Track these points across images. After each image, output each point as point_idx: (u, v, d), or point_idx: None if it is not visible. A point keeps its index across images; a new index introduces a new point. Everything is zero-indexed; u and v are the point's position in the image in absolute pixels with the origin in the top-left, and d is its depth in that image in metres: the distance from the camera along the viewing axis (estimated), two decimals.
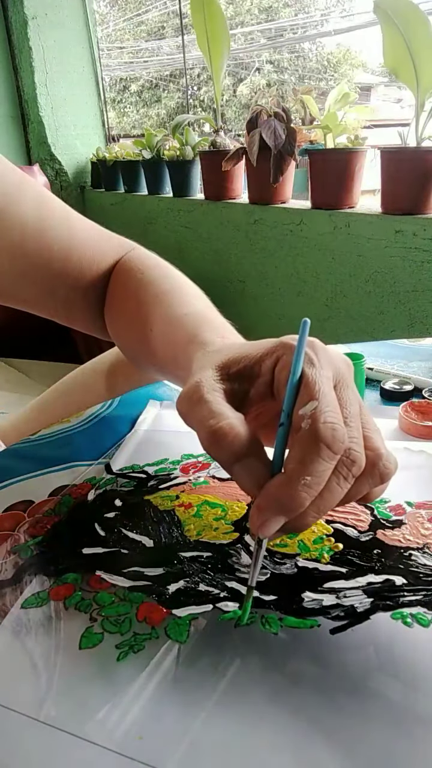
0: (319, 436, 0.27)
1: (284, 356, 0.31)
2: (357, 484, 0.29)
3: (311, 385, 0.29)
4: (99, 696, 0.29)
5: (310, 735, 0.26)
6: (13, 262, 0.52)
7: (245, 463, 0.29)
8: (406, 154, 1.31)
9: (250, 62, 13.14)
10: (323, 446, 0.27)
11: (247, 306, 1.82)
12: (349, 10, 12.91)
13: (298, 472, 0.27)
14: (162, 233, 2.09)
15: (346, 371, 0.31)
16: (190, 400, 0.30)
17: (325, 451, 0.27)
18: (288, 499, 0.27)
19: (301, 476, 0.27)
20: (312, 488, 0.27)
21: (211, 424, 0.29)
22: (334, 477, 0.28)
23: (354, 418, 0.29)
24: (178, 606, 0.33)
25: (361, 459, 0.28)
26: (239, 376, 0.32)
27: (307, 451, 0.27)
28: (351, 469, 0.28)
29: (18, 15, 2.24)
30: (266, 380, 0.32)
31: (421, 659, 0.30)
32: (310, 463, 0.27)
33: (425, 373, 0.64)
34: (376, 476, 0.30)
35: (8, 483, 0.47)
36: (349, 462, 0.28)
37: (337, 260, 1.51)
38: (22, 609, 0.34)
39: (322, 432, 0.27)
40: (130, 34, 13.80)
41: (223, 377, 0.32)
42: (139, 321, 0.49)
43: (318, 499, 0.28)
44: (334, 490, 0.28)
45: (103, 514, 0.42)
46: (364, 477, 0.29)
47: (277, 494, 0.27)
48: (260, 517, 0.28)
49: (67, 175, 2.45)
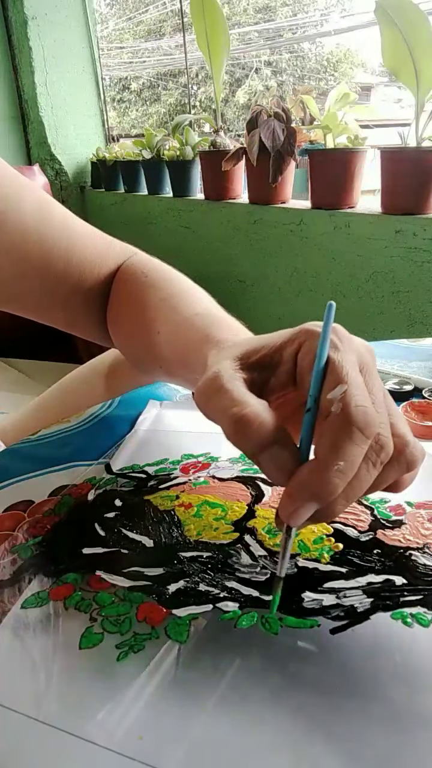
0: (352, 419, 0.26)
1: (307, 342, 0.30)
2: (384, 472, 0.28)
3: (339, 369, 0.28)
4: (99, 696, 0.29)
5: (310, 735, 0.26)
6: (13, 266, 0.52)
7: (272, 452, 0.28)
8: (406, 154, 1.31)
9: (248, 62, 13.15)
10: (356, 430, 0.26)
11: (247, 306, 1.82)
12: (349, 10, 12.90)
13: (330, 457, 0.26)
14: (162, 233, 2.09)
15: (370, 358, 0.31)
16: (208, 391, 0.29)
17: (357, 434, 0.26)
18: (321, 486, 0.26)
19: (333, 461, 0.26)
20: (345, 474, 0.26)
21: (235, 412, 0.28)
22: (363, 464, 0.27)
23: (380, 405, 0.29)
24: (178, 606, 0.33)
25: (389, 445, 0.28)
26: (259, 365, 0.31)
27: (339, 436, 0.26)
28: (380, 455, 0.27)
29: (18, 15, 2.24)
30: (288, 368, 0.31)
31: (421, 659, 0.30)
32: (342, 447, 0.26)
33: (425, 373, 0.64)
34: (403, 464, 0.29)
35: (8, 483, 0.47)
36: (378, 448, 0.27)
37: (337, 260, 1.51)
38: (22, 609, 0.34)
39: (354, 415, 0.26)
40: (130, 33, 13.80)
41: (243, 367, 0.31)
42: (145, 325, 0.48)
43: (347, 486, 0.27)
44: (363, 476, 0.27)
45: (103, 514, 0.42)
46: (391, 464, 0.29)
47: (309, 481, 0.26)
48: (292, 505, 0.27)
49: (67, 175, 2.45)
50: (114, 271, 0.56)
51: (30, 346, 1.81)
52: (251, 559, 0.37)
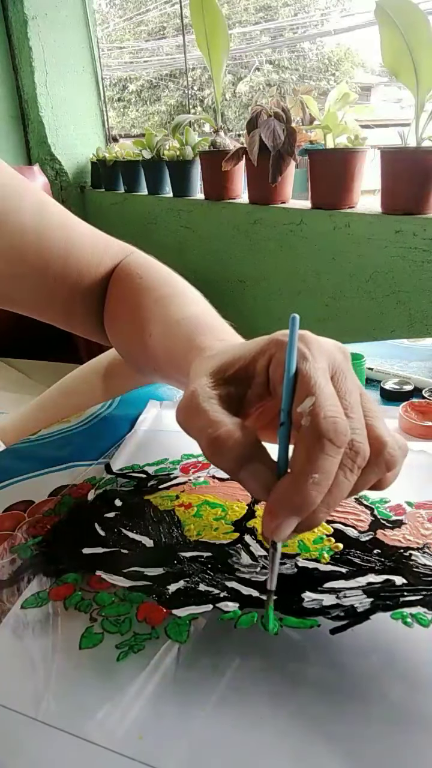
0: (321, 431, 0.27)
1: (277, 354, 0.31)
2: (364, 475, 0.29)
3: (307, 380, 0.28)
4: (99, 696, 0.29)
5: (310, 735, 0.26)
6: (12, 265, 0.52)
7: (250, 469, 0.28)
8: (406, 154, 1.31)
9: (249, 62, 13.14)
10: (327, 441, 0.26)
11: (247, 306, 1.82)
12: (349, 9, 12.90)
13: (305, 471, 0.27)
14: (162, 233, 2.09)
15: (342, 360, 0.31)
16: (187, 411, 0.30)
17: (329, 446, 0.26)
18: (299, 500, 0.27)
19: (308, 475, 0.26)
20: (321, 485, 0.27)
21: (210, 433, 0.28)
22: (340, 471, 0.27)
23: (355, 408, 0.29)
24: (178, 606, 0.33)
25: (364, 449, 0.28)
26: (234, 379, 0.32)
27: (311, 449, 0.27)
28: (356, 460, 0.28)
29: (18, 15, 2.24)
30: (262, 380, 0.31)
31: (421, 659, 0.30)
32: (315, 460, 0.26)
33: (425, 373, 0.64)
34: (382, 465, 0.29)
35: (8, 483, 0.47)
36: (353, 454, 0.28)
37: (337, 260, 1.51)
38: (22, 609, 0.34)
39: (323, 427, 0.27)
40: (131, 34, 13.79)
41: (218, 383, 0.31)
42: (139, 325, 0.49)
43: (327, 495, 0.27)
44: (342, 483, 0.28)
45: (103, 514, 0.42)
46: (370, 467, 0.29)
47: (287, 496, 0.27)
48: (273, 522, 0.27)
49: (67, 175, 2.45)
50: (111, 270, 0.56)
51: (30, 346, 1.81)
52: (251, 559, 0.37)
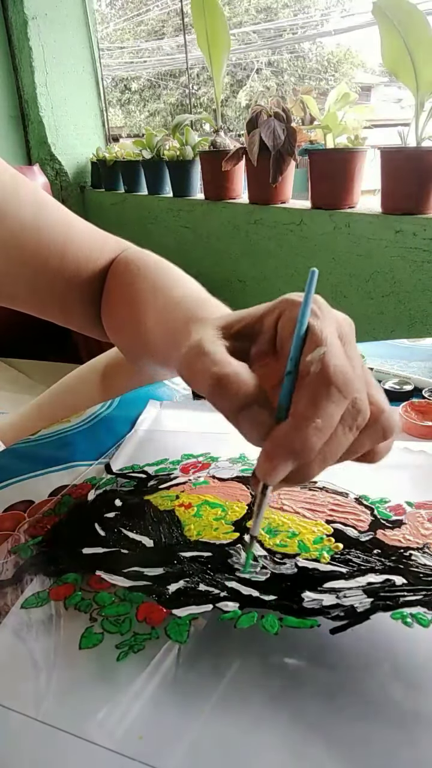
0: (330, 378, 0.27)
1: (287, 311, 0.31)
2: (361, 437, 0.29)
3: (318, 334, 0.29)
4: (99, 696, 0.29)
5: (310, 735, 0.26)
6: (10, 262, 0.52)
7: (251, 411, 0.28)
8: (406, 154, 1.31)
9: (249, 63, 13.14)
10: (334, 388, 0.27)
11: (246, 306, 1.81)
12: (349, 10, 12.89)
13: (308, 414, 0.26)
14: (162, 233, 2.09)
15: (349, 330, 0.31)
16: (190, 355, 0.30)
17: (335, 393, 0.27)
18: (299, 443, 0.26)
19: (311, 419, 0.26)
20: (322, 431, 0.26)
21: (215, 371, 0.28)
22: (340, 426, 0.27)
23: (359, 371, 0.29)
24: (178, 606, 0.33)
25: (366, 410, 0.28)
26: (241, 334, 0.32)
27: (317, 394, 0.27)
28: (356, 419, 0.28)
29: (18, 15, 2.24)
30: (269, 336, 0.31)
31: (421, 659, 0.30)
32: (320, 405, 0.26)
33: (425, 373, 0.64)
34: (379, 430, 0.29)
35: (8, 483, 0.47)
36: (354, 411, 0.28)
37: (337, 260, 1.51)
38: (22, 609, 0.34)
39: (333, 374, 0.27)
40: (131, 33, 13.79)
41: (225, 336, 0.31)
42: (136, 314, 0.49)
43: (324, 446, 0.27)
44: (340, 439, 0.28)
45: (103, 514, 0.42)
46: (367, 430, 0.29)
47: (286, 438, 0.27)
48: (269, 463, 0.27)
49: (67, 175, 2.45)
50: (108, 265, 0.56)
51: (30, 346, 1.81)
52: (251, 559, 0.37)
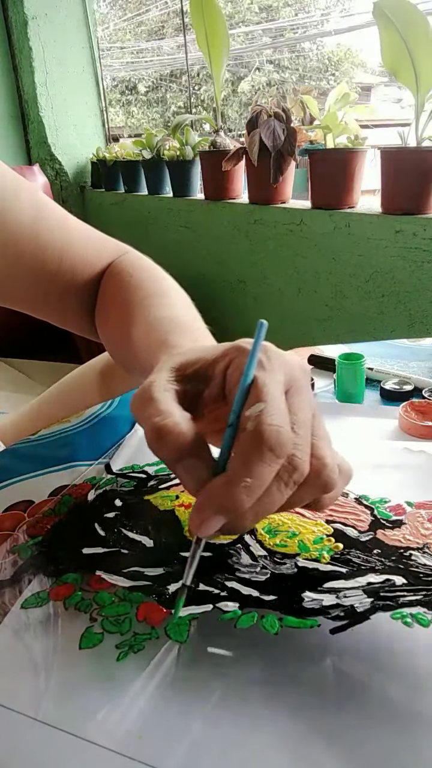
0: (263, 438, 0.27)
1: (236, 359, 0.31)
2: (299, 492, 0.29)
3: (260, 388, 0.29)
4: (99, 696, 0.29)
5: (310, 734, 0.26)
6: (8, 263, 0.53)
7: (187, 463, 0.29)
8: (406, 154, 1.31)
9: (250, 61, 13.14)
10: (266, 449, 0.27)
11: (247, 306, 1.81)
12: (349, 9, 12.89)
13: (239, 473, 0.27)
14: (162, 233, 2.09)
15: (301, 377, 0.31)
16: (140, 399, 0.30)
17: (268, 454, 0.27)
18: (228, 500, 0.27)
19: (242, 478, 0.27)
20: (253, 491, 0.27)
21: (156, 421, 0.29)
22: (275, 482, 0.27)
23: (303, 425, 0.29)
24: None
25: (303, 467, 0.28)
26: (194, 377, 0.32)
27: (249, 453, 0.27)
28: (292, 475, 0.28)
29: (18, 15, 2.24)
30: (219, 382, 0.32)
31: (421, 659, 0.30)
32: (252, 464, 0.27)
33: (425, 373, 0.64)
34: (319, 486, 0.29)
35: (8, 483, 0.47)
36: (291, 468, 0.28)
37: (337, 260, 1.51)
38: (22, 609, 0.34)
39: (266, 434, 0.27)
40: (131, 34, 13.80)
41: (179, 378, 0.32)
42: (124, 324, 0.49)
43: (257, 503, 0.27)
44: (274, 495, 0.28)
45: (103, 514, 0.42)
46: (306, 485, 0.29)
47: (217, 494, 0.27)
48: (199, 516, 0.27)
49: (67, 175, 2.45)
50: (105, 269, 0.56)
51: (30, 346, 1.81)
52: (251, 559, 0.37)
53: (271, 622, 0.32)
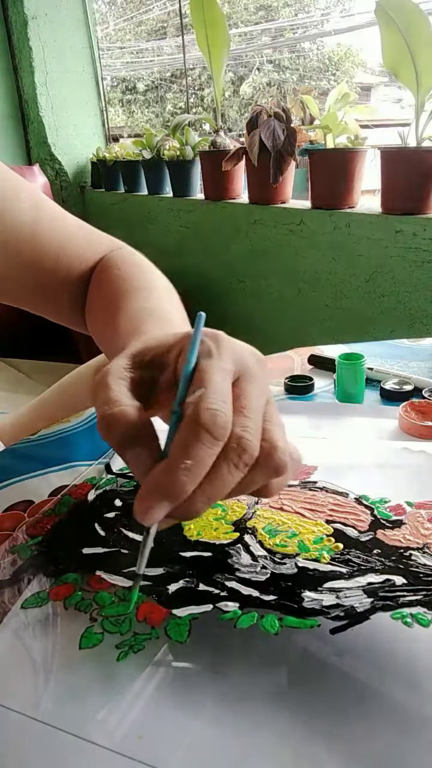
0: (199, 420, 0.27)
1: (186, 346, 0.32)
2: (251, 474, 0.29)
3: (202, 374, 0.29)
4: (99, 696, 0.29)
5: (309, 734, 0.26)
6: (7, 261, 0.54)
7: (135, 451, 0.29)
8: (406, 154, 1.31)
9: (250, 61, 13.14)
10: (203, 431, 0.27)
11: (247, 306, 1.81)
12: (350, 9, 12.89)
13: (178, 456, 0.27)
14: (162, 233, 2.09)
15: (254, 365, 0.32)
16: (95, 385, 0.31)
17: (205, 435, 0.27)
18: (169, 484, 0.27)
19: (181, 460, 0.27)
20: (192, 472, 0.27)
21: (105, 409, 0.29)
22: (224, 464, 0.28)
23: (253, 411, 0.29)
24: (178, 606, 0.33)
25: (252, 448, 0.29)
26: (151, 364, 0.33)
27: (187, 436, 0.27)
28: (242, 457, 0.28)
29: (18, 15, 2.24)
30: (173, 369, 0.32)
31: (421, 659, 0.30)
32: (190, 447, 0.27)
33: (425, 373, 0.64)
34: (270, 468, 0.30)
35: (8, 483, 0.47)
36: (240, 450, 0.28)
37: (337, 260, 1.51)
38: (22, 609, 0.34)
39: (202, 416, 0.27)
40: (131, 34, 13.79)
41: (136, 365, 0.32)
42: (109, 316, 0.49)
43: (207, 485, 0.28)
44: (225, 477, 0.28)
45: (103, 514, 0.42)
46: (257, 468, 0.29)
47: (158, 480, 0.27)
48: (143, 504, 0.28)
49: (67, 175, 2.45)
50: (96, 264, 0.57)
51: (30, 346, 1.81)
52: (251, 559, 0.37)
53: (271, 622, 0.32)
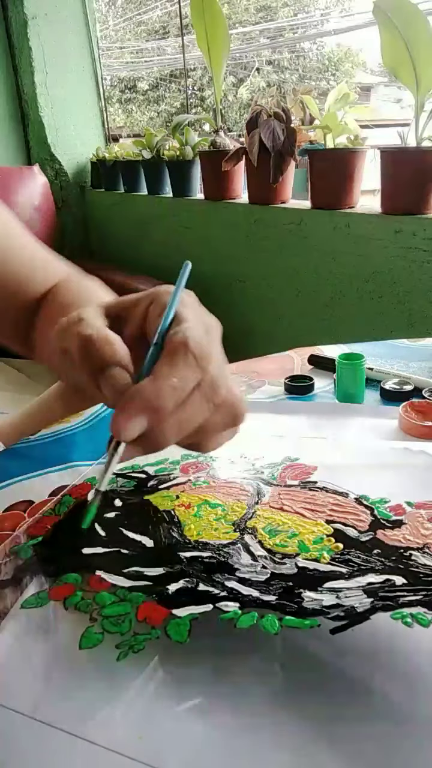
0: (188, 344, 0.29)
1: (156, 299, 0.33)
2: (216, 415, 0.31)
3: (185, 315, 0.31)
4: (99, 696, 0.29)
5: (310, 735, 0.26)
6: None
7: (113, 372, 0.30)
8: (406, 154, 1.31)
9: (249, 62, 13.13)
10: (191, 355, 0.29)
11: (247, 306, 1.81)
12: (349, 9, 12.89)
13: (165, 371, 0.29)
14: (162, 233, 2.09)
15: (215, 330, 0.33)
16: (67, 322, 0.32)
17: (192, 359, 0.29)
18: (153, 397, 0.28)
19: (168, 377, 0.28)
20: (177, 390, 0.28)
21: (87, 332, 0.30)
22: (198, 395, 0.29)
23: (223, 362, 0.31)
24: (178, 606, 0.33)
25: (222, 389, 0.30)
26: (117, 318, 0.34)
27: (175, 356, 0.29)
28: (214, 393, 0.30)
29: (18, 15, 2.24)
30: (138, 322, 0.34)
31: (421, 659, 0.30)
32: (177, 366, 0.29)
33: (425, 373, 0.64)
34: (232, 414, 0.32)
35: (8, 483, 0.47)
36: (214, 386, 0.30)
37: (337, 260, 1.51)
38: (22, 609, 0.34)
39: (191, 342, 0.29)
40: (132, 33, 13.78)
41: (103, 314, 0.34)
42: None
43: (180, 411, 0.29)
44: (196, 407, 0.30)
45: (103, 514, 0.42)
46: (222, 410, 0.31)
47: (143, 393, 0.28)
48: (123, 415, 0.28)
49: (67, 175, 2.45)
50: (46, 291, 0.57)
51: None
52: (251, 559, 0.37)
53: (271, 622, 0.32)
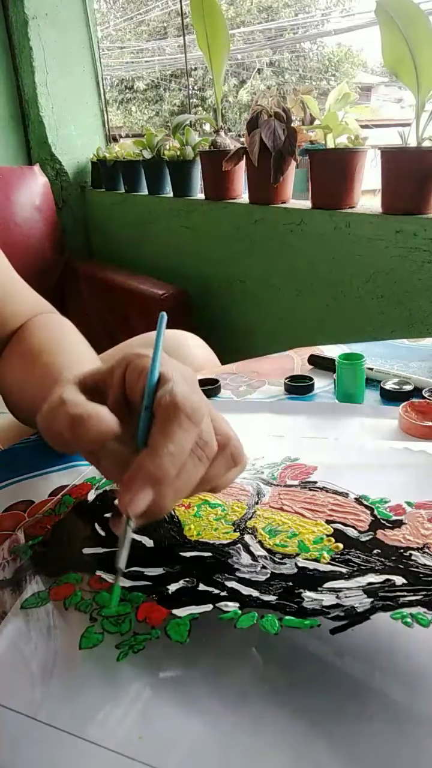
0: (179, 405, 0.29)
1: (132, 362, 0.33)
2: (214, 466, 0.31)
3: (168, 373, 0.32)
4: (99, 696, 0.29)
5: (310, 735, 0.26)
6: None
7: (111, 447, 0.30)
8: (407, 154, 1.31)
9: (251, 63, 13.13)
10: (183, 416, 0.29)
11: (247, 306, 1.81)
12: (350, 9, 12.89)
13: (161, 442, 0.29)
14: (162, 233, 2.09)
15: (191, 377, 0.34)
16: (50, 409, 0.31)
17: (185, 420, 0.29)
18: (154, 469, 0.28)
19: (164, 446, 0.28)
20: (175, 457, 0.29)
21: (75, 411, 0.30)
22: (190, 459, 0.30)
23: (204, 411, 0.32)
24: (178, 606, 0.33)
25: (212, 441, 0.31)
26: (95, 388, 0.34)
27: (168, 422, 0.29)
28: (205, 449, 0.30)
29: (18, 15, 2.24)
30: (119, 388, 0.33)
31: (421, 659, 0.30)
32: (171, 432, 0.29)
33: (425, 373, 0.64)
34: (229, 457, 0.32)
35: (8, 483, 0.47)
36: (202, 443, 0.30)
37: (337, 260, 1.51)
38: (22, 609, 0.34)
39: (181, 402, 0.29)
40: (132, 33, 13.78)
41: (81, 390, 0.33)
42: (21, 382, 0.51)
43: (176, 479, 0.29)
44: (191, 471, 0.30)
45: (103, 514, 0.42)
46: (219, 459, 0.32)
47: (143, 466, 0.28)
48: (128, 494, 0.28)
49: (67, 175, 2.45)
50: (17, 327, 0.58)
51: None
52: (251, 559, 0.37)
53: (271, 622, 0.32)
